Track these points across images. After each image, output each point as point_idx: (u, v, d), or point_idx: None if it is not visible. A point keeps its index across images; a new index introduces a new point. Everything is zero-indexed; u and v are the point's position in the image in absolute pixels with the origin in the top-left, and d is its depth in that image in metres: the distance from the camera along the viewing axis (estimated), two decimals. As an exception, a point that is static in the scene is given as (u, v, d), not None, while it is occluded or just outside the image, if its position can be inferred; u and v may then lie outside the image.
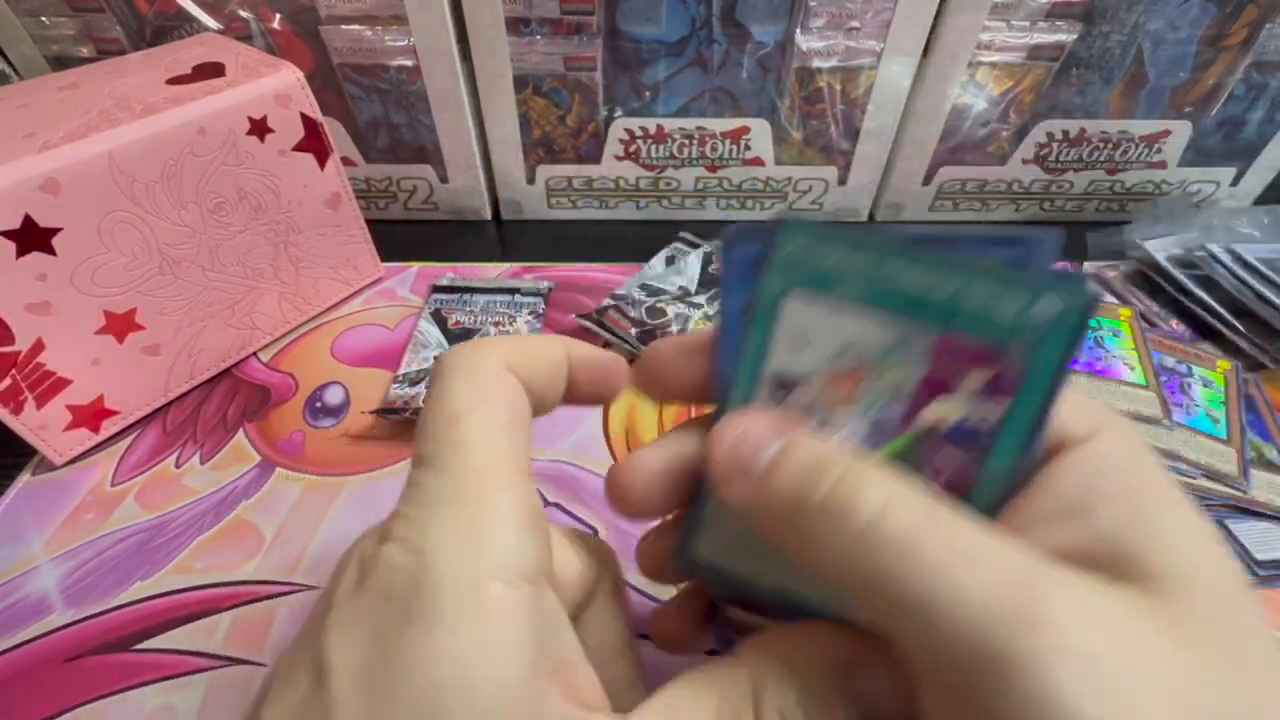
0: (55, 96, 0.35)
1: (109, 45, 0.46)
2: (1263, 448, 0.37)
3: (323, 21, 0.45)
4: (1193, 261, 0.45)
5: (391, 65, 0.46)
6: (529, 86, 0.48)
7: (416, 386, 0.38)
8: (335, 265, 0.44)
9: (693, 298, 0.45)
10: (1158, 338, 0.42)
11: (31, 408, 0.34)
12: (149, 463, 0.36)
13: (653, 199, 0.54)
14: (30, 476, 0.36)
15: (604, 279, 0.48)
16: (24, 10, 0.45)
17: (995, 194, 0.54)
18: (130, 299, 0.35)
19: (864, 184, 0.53)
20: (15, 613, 0.30)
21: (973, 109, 0.49)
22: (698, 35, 0.45)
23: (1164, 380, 0.40)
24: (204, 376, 0.40)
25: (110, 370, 0.36)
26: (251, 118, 0.36)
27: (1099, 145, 0.50)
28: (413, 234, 0.53)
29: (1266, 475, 0.35)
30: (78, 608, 0.31)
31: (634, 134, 0.50)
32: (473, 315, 0.44)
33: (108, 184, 0.32)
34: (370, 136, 0.50)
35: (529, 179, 0.53)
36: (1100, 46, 0.45)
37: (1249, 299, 0.42)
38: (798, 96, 0.48)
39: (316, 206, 0.41)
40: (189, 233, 0.36)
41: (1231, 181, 0.53)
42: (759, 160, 0.51)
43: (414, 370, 0.40)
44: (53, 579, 0.32)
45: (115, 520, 0.34)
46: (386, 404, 0.38)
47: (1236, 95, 0.48)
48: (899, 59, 0.46)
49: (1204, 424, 0.37)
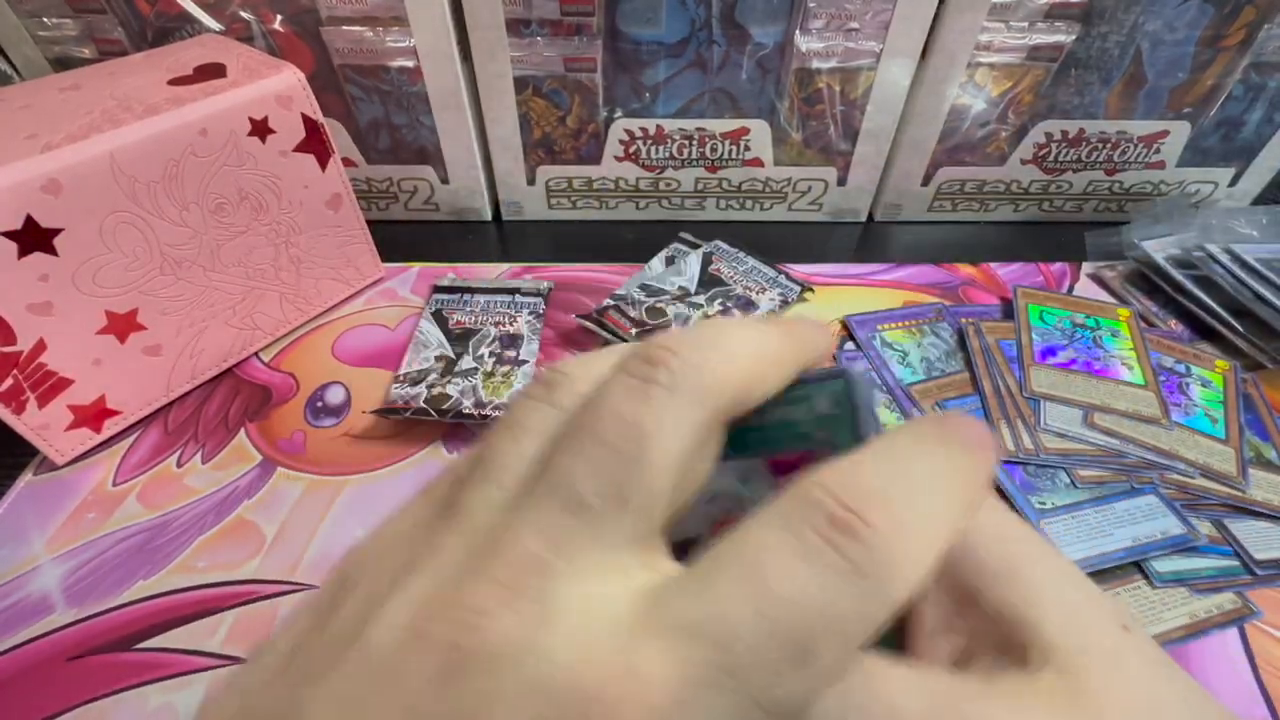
0: (57, 97, 0.35)
1: (110, 46, 0.46)
2: (1261, 447, 0.37)
3: (324, 22, 0.45)
4: (1191, 262, 0.45)
5: (392, 66, 0.46)
6: (529, 87, 0.48)
7: (417, 386, 0.38)
8: (336, 266, 0.44)
9: (692, 298, 0.45)
10: (1156, 338, 0.43)
11: (33, 408, 0.34)
12: (150, 462, 0.37)
13: (653, 199, 0.54)
14: (32, 476, 0.36)
15: (604, 279, 0.48)
16: (26, 11, 0.45)
17: (994, 194, 0.54)
18: (132, 299, 0.35)
19: (863, 185, 0.53)
20: (17, 612, 0.30)
21: (972, 109, 0.49)
22: (697, 36, 0.45)
23: (1163, 380, 0.40)
24: (205, 376, 0.40)
25: (112, 370, 0.36)
26: (253, 118, 0.36)
27: (1098, 146, 0.51)
28: (413, 234, 0.53)
29: (1265, 474, 0.35)
30: (79, 607, 0.31)
31: (634, 135, 0.50)
32: (474, 315, 0.44)
33: (109, 185, 0.32)
34: (371, 137, 0.50)
35: (529, 180, 0.53)
36: (1099, 47, 0.46)
37: (1247, 299, 0.42)
38: (797, 97, 0.48)
39: (317, 207, 0.41)
40: (190, 233, 0.36)
41: (1230, 182, 0.53)
42: (758, 161, 0.51)
43: (415, 370, 0.40)
44: (54, 578, 0.32)
45: (117, 520, 0.34)
46: (387, 404, 0.38)
47: (1235, 96, 0.48)
48: (898, 60, 0.46)
49: (1202, 424, 0.37)
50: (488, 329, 0.43)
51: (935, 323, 0.44)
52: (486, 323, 0.43)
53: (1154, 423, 0.37)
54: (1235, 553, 0.32)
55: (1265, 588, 0.31)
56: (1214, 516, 0.34)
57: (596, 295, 0.47)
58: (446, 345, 0.42)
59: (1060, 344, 0.41)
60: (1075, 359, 0.41)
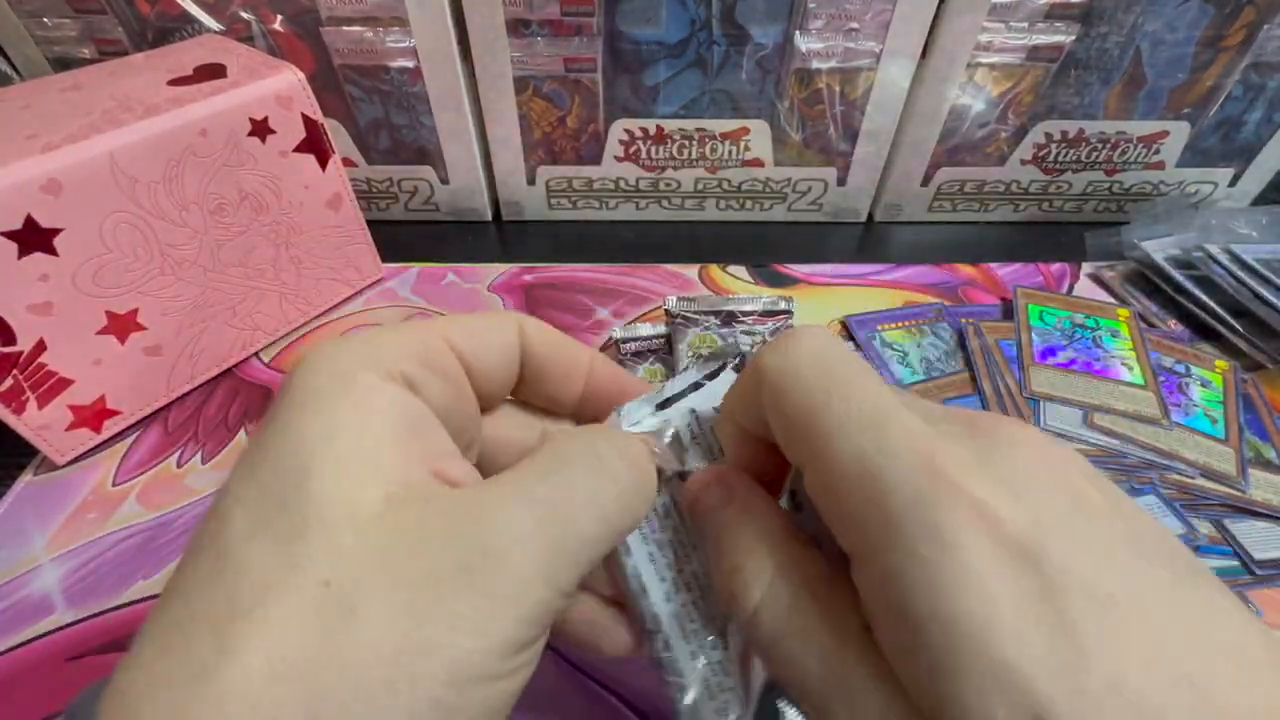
0: (57, 97, 0.35)
1: (111, 46, 0.46)
2: (1261, 447, 0.37)
3: (324, 23, 0.45)
4: (1191, 262, 0.45)
5: (392, 66, 0.46)
6: (529, 88, 0.48)
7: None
8: (336, 266, 0.44)
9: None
10: (1156, 338, 0.43)
11: (33, 408, 0.34)
12: (150, 463, 0.37)
13: (653, 200, 0.54)
14: (32, 476, 0.36)
15: (604, 279, 0.48)
16: (26, 11, 0.45)
17: (994, 195, 0.54)
18: (132, 299, 0.35)
19: (863, 185, 0.53)
20: (17, 612, 0.30)
21: (971, 110, 0.49)
22: (697, 37, 0.45)
23: (1162, 380, 0.40)
24: (205, 377, 0.40)
25: (112, 370, 0.36)
26: (253, 119, 0.36)
27: (1097, 146, 0.51)
28: (413, 235, 0.53)
29: (1265, 475, 0.35)
30: (79, 607, 0.31)
31: (634, 135, 0.50)
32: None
33: (109, 185, 0.32)
34: (371, 137, 0.50)
35: (529, 180, 0.53)
36: (1099, 48, 0.46)
37: (1247, 299, 0.42)
38: (797, 98, 0.48)
39: (318, 207, 0.41)
40: (190, 233, 0.36)
41: (1229, 182, 0.53)
42: (758, 161, 0.51)
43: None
44: (54, 578, 0.32)
45: (117, 520, 0.34)
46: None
47: (1234, 96, 0.48)
48: (898, 60, 0.46)
49: (1202, 424, 0.37)
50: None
51: (935, 323, 0.44)
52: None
53: (1154, 423, 0.37)
54: (1235, 553, 0.32)
55: (1265, 588, 0.31)
56: (1214, 517, 0.34)
57: (596, 295, 0.47)
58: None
59: (1060, 344, 0.41)
60: (1075, 359, 0.41)
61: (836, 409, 0.14)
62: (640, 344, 0.41)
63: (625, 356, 0.40)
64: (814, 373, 0.15)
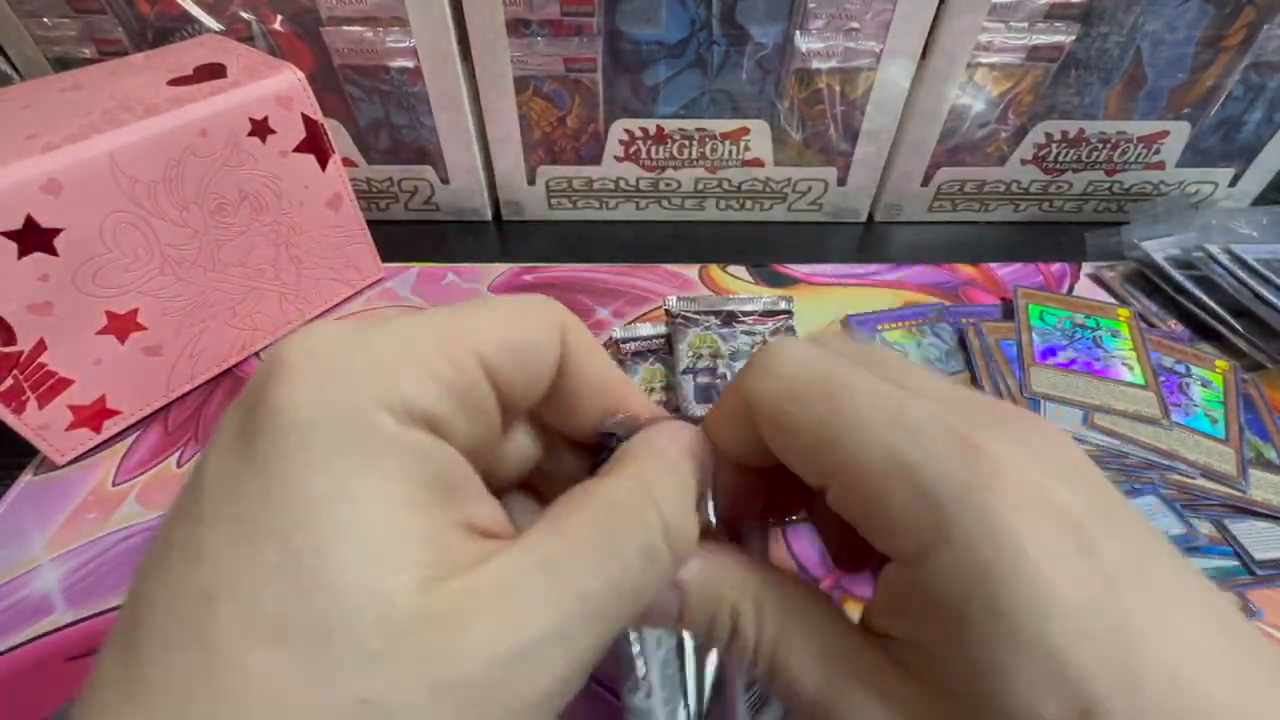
0: (57, 97, 0.35)
1: (111, 46, 0.46)
2: (1261, 447, 0.37)
3: (324, 23, 0.45)
4: (1191, 262, 0.45)
5: (392, 66, 0.46)
6: (529, 88, 0.48)
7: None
8: (336, 266, 0.44)
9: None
10: (1156, 338, 0.43)
11: (33, 408, 0.34)
12: (150, 463, 0.37)
13: (653, 200, 0.54)
14: (32, 476, 0.36)
15: (604, 279, 0.48)
16: (26, 11, 0.45)
17: (994, 195, 0.54)
18: (132, 299, 0.35)
19: (863, 185, 0.53)
20: (17, 612, 0.30)
21: (972, 110, 0.49)
22: (697, 37, 0.45)
23: (1163, 380, 0.40)
24: (205, 377, 0.40)
25: (112, 370, 0.36)
26: (253, 119, 0.36)
27: (1097, 146, 0.51)
28: (413, 235, 0.53)
29: (1265, 475, 0.35)
30: (79, 607, 0.31)
31: (634, 135, 0.50)
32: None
33: (109, 185, 0.32)
34: (371, 137, 0.50)
35: (529, 180, 0.53)
36: (1099, 48, 0.46)
37: (1247, 299, 0.42)
38: (797, 98, 0.48)
39: (318, 207, 0.41)
40: (190, 233, 0.36)
41: (1230, 182, 0.53)
42: (759, 161, 0.51)
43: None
44: (54, 578, 0.32)
45: (117, 520, 0.34)
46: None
47: (1235, 96, 0.48)
48: (898, 60, 0.46)
49: (1203, 424, 0.37)
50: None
51: (935, 323, 0.44)
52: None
53: (1154, 423, 0.37)
54: (1235, 553, 0.32)
55: (1265, 588, 0.31)
56: (1214, 517, 0.34)
57: (596, 295, 0.47)
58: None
59: (1060, 344, 0.41)
60: (1075, 359, 0.41)
61: (847, 413, 0.14)
62: (640, 344, 0.41)
63: (625, 356, 0.40)
64: (808, 385, 0.15)
